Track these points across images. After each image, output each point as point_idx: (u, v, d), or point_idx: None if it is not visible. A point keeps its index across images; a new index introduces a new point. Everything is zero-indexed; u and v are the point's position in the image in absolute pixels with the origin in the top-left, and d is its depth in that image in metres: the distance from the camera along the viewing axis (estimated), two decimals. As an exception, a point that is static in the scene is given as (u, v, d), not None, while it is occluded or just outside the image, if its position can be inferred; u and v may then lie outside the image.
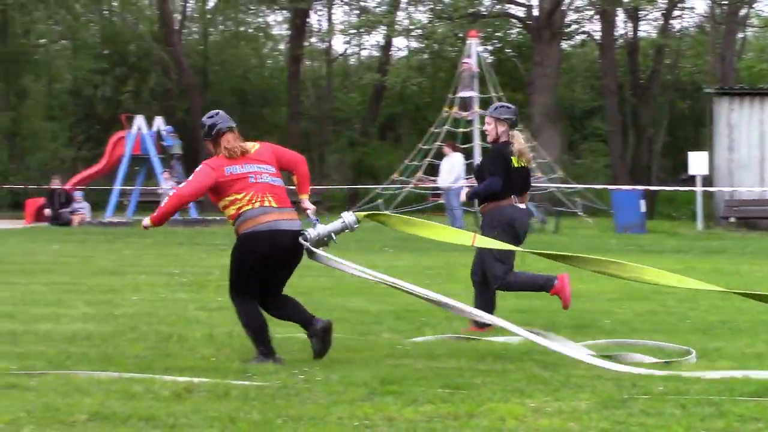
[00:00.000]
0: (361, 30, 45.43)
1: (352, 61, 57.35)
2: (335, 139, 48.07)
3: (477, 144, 30.23)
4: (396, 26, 41.56)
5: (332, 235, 8.52)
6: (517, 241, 9.90)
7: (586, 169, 43.08)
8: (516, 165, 10.01)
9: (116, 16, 52.98)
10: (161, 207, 8.34)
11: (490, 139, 10.18)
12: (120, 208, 33.66)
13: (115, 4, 52.50)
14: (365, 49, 55.43)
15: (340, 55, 54.97)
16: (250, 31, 53.77)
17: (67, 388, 7.11)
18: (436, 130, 31.32)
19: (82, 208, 31.55)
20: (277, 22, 55.02)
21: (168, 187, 31.50)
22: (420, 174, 31.34)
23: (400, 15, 43.31)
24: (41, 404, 6.61)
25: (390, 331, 9.87)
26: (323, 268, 8.89)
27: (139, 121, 33.03)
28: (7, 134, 44.44)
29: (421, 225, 8.85)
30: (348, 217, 8.59)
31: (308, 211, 8.57)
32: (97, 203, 34.98)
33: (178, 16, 49.73)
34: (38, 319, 10.58)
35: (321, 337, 8.22)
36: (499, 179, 9.88)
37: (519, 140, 10.10)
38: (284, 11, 49.62)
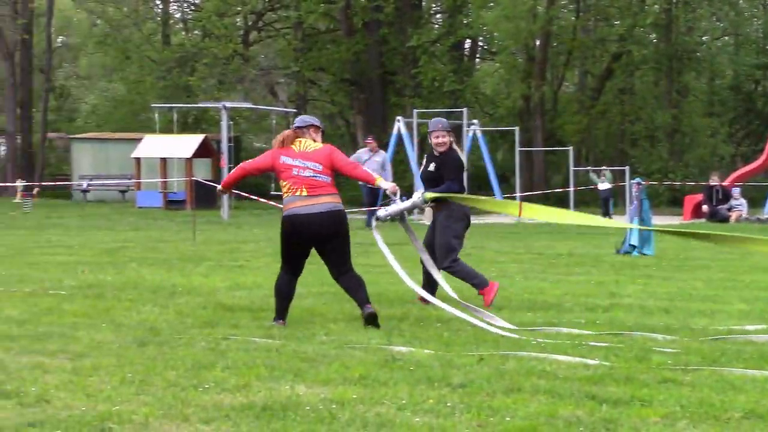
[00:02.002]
0: None
1: None
2: None
3: None
4: None
5: (404, 213, 10.24)
6: (466, 229, 11.49)
7: None
8: None
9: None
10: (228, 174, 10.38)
11: (443, 149, 11.36)
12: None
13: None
14: None
15: None
16: None
17: (721, 385, 7.09)
18: None
19: (740, 205, 31.21)
20: None
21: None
22: None
23: None
24: (695, 399, 6.65)
25: None
26: None
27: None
28: (668, 131, 45.14)
29: (476, 200, 12.01)
30: (417, 196, 10.41)
31: (387, 191, 10.15)
32: (755, 200, 34.47)
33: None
34: (694, 315, 10.66)
35: (368, 322, 9.66)
36: (457, 183, 11.30)
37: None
38: None
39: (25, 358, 8.10)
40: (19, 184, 40.94)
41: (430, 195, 10.61)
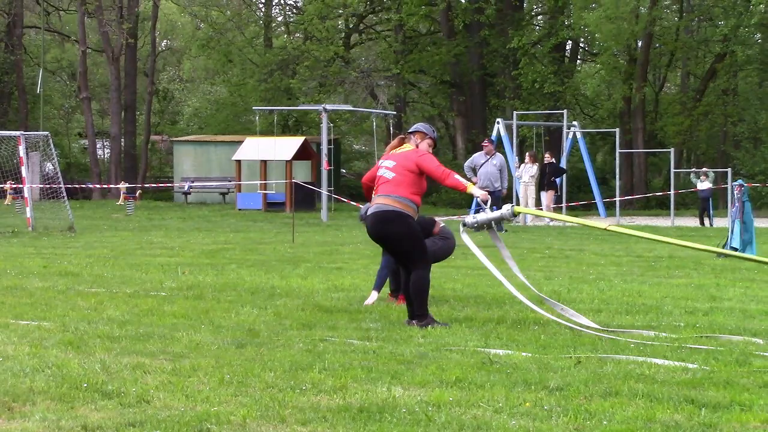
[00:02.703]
0: None
1: None
2: None
3: None
4: None
5: (492, 222, 10.32)
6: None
7: None
8: None
9: None
10: None
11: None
12: None
13: None
14: None
15: None
16: None
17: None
18: None
19: None
20: None
21: None
22: None
23: None
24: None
25: None
26: None
27: None
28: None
29: (564, 217, 11.90)
30: (506, 209, 10.27)
31: (479, 199, 10.23)
32: None
33: None
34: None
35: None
36: None
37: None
38: None
39: (125, 359, 8.23)
40: (123, 186, 41.63)
41: (519, 209, 10.76)
